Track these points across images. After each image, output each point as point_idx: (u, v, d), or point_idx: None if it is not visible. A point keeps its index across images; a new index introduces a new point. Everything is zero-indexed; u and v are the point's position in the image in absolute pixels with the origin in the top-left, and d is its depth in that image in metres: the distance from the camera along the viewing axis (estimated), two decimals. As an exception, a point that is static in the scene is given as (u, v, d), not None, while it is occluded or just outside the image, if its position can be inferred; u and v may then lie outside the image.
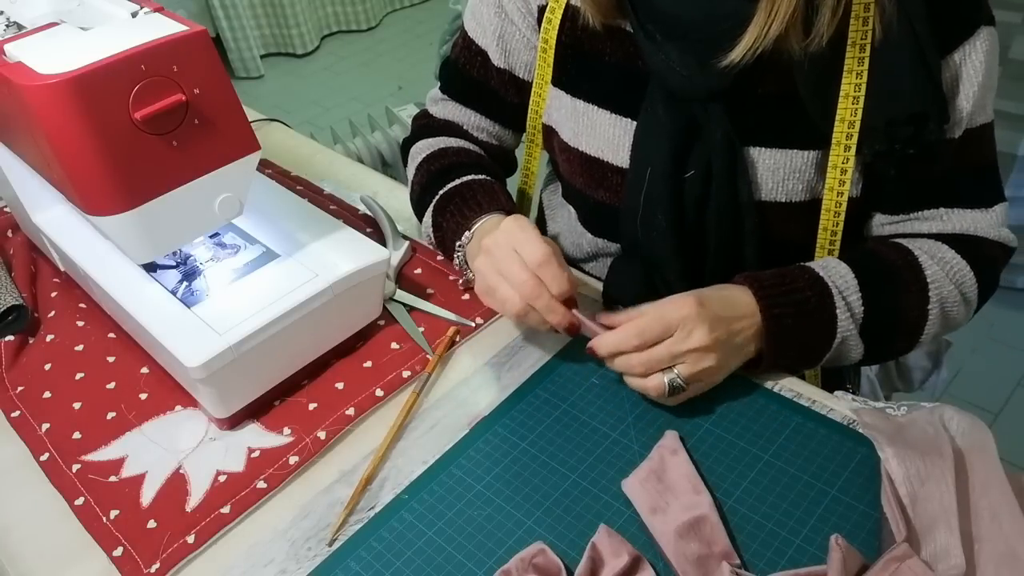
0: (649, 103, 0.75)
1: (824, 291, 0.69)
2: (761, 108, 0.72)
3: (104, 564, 0.62)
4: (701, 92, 0.71)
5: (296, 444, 0.69)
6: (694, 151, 0.74)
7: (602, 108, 0.79)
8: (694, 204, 0.76)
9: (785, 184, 0.73)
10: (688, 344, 0.64)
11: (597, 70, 0.79)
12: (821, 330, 0.69)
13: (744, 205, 0.74)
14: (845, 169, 0.71)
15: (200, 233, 0.75)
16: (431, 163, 0.88)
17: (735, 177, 0.73)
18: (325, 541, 0.62)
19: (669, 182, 0.75)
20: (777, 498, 0.61)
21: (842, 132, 0.70)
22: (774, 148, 0.72)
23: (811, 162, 0.72)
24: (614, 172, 0.80)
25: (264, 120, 1.21)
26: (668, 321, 0.64)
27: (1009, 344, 1.84)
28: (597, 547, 0.57)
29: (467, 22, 0.88)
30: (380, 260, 0.75)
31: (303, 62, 3.50)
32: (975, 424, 0.62)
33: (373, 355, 0.78)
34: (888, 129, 0.68)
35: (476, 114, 0.92)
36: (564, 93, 0.82)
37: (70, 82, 0.57)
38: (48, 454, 0.71)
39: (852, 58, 0.67)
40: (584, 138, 0.81)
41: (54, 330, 0.84)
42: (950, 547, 0.53)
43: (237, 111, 0.66)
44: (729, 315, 0.66)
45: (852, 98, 0.68)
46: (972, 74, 0.70)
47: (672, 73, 0.71)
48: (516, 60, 0.85)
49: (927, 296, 0.72)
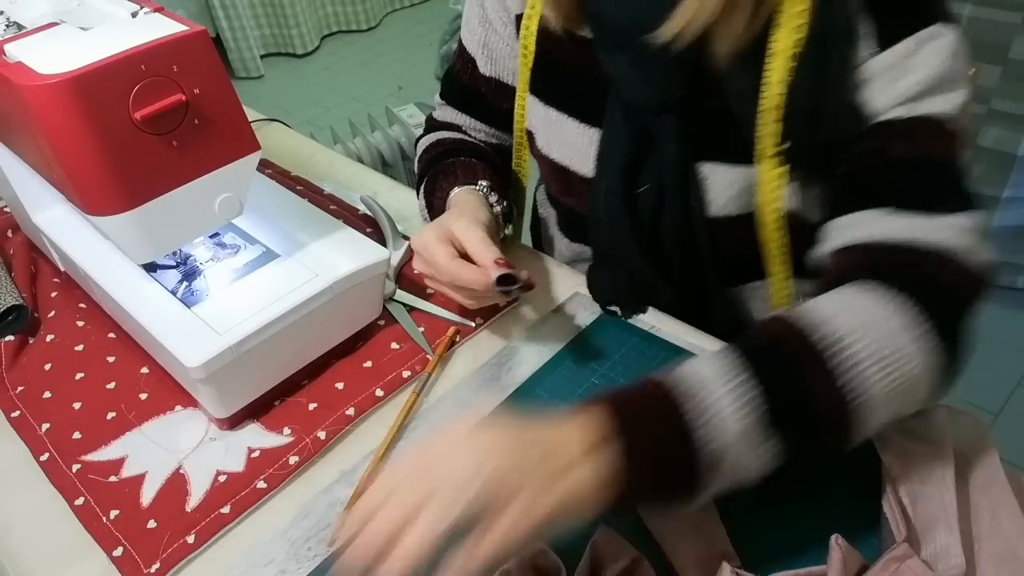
0: (609, 113, 0.74)
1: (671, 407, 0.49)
2: (711, 122, 0.70)
3: (104, 564, 0.62)
4: (652, 103, 0.70)
5: (296, 444, 0.69)
6: (647, 165, 0.73)
7: (571, 117, 0.79)
8: (648, 218, 0.75)
9: (739, 199, 0.71)
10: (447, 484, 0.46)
11: (565, 79, 0.79)
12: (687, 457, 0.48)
13: (696, 220, 0.73)
14: (778, 184, 0.68)
15: (200, 233, 0.75)
16: (428, 152, 0.91)
17: (687, 192, 0.72)
18: (325, 541, 0.62)
19: (622, 195, 0.75)
20: (777, 498, 0.61)
21: (767, 145, 0.67)
22: (726, 164, 0.71)
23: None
24: (580, 181, 0.80)
25: (264, 120, 1.21)
26: (388, 479, 0.48)
27: (1009, 344, 1.84)
28: (597, 547, 0.57)
29: (462, 30, 0.90)
30: (380, 260, 0.75)
31: (303, 62, 3.50)
32: (975, 424, 0.62)
33: (373, 355, 0.78)
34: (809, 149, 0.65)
35: (472, 118, 0.94)
36: (538, 101, 0.82)
37: (70, 82, 0.57)
38: (48, 454, 0.71)
39: (772, 69, 0.64)
40: (555, 146, 0.81)
41: (54, 330, 0.84)
42: (950, 547, 0.53)
43: (237, 111, 0.66)
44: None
45: (774, 112, 0.65)
46: (920, 63, 0.61)
47: (624, 82, 0.71)
48: (502, 67, 0.86)
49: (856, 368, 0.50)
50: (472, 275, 0.69)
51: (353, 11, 3.62)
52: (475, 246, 0.70)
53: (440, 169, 0.86)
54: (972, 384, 1.74)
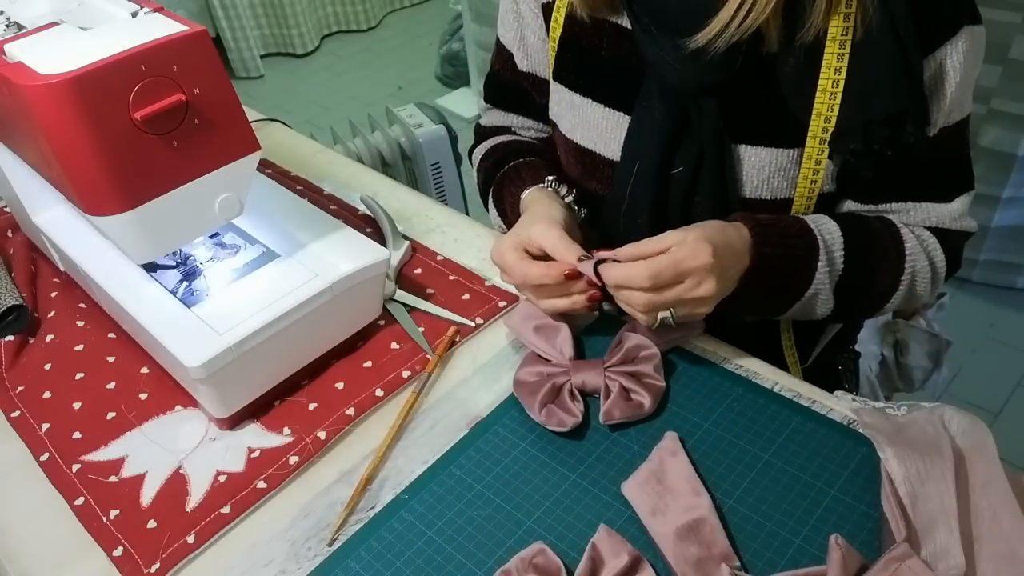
0: (645, 97, 0.75)
1: (812, 243, 0.71)
2: (751, 105, 0.72)
3: (104, 564, 0.62)
4: (693, 85, 0.71)
5: (296, 444, 0.69)
6: (683, 147, 0.75)
7: (597, 102, 0.80)
8: (680, 200, 0.76)
9: (771, 182, 0.74)
10: (696, 294, 0.65)
11: (593, 65, 0.80)
12: (799, 278, 0.71)
13: (731, 201, 0.75)
14: (820, 160, 0.72)
15: (200, 233, 0.75)
16: (486, 160, 0.92)
17: (723, 173, 0.74)
18: (325, 541, 0.62)
19: (656, 177, 0.76)
20: (777, 498, 0.61)
21: (818, 126, 0.70)
22: (761, 146, 0.73)
23: (795, 160, 0.73)
24: (605, 164, 0.81)
25: (264, 120, 1.21)
26: (682, 269, 0.64)
27: (1009, 344, 1.84)
28: (597, 547, 0.57)
29: (498, 27, 0.90)
30: (380, 260, 0.75)
31: (303, 62, 3.50)
32: (975, 424, 0.62)
33: (373, 355, 0.78)
34: (866, 129, 0.68)
35: (517, 116, 0.95)
36: (563, 87, 0.83)
37: (70, 82, 0.57)
38: (48, 454, 0.71)
39: (831, 54, 0.68)
40: (579, 130, 0.82)
41: (54, 330, 0.84)
42: (950, 547, 0.53)
43: (237, 111, 0.66)
44: (731, 260, 0.67)
45: (829, 93, 0.69)
46: (952, 73, 0.69)
47: (665, 66, 0.71)
48: (537, 62, 0.87)
49: (902, 267, 0.74)
50: (540, 269, 0.70)
51: (353, 11, 3.62)
52: (554, 246, 0.70)
53: (505, 175, 0.87)
54: (972, 384, 1.75)
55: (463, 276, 0.87)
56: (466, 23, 2.66)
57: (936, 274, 0.77)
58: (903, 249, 0.74)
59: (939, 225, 0.77)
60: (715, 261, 0.64)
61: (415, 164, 1.79)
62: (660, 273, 0.64)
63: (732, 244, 0.68)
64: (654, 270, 0.64)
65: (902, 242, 0.74)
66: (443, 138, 1.76)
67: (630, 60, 0.76)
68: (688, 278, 0.64)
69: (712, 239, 0.65)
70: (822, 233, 0.72)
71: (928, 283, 0.77)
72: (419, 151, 1.76)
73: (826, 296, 0.73)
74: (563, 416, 0.67)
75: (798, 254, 0.70)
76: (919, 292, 0.77)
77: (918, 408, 0.65)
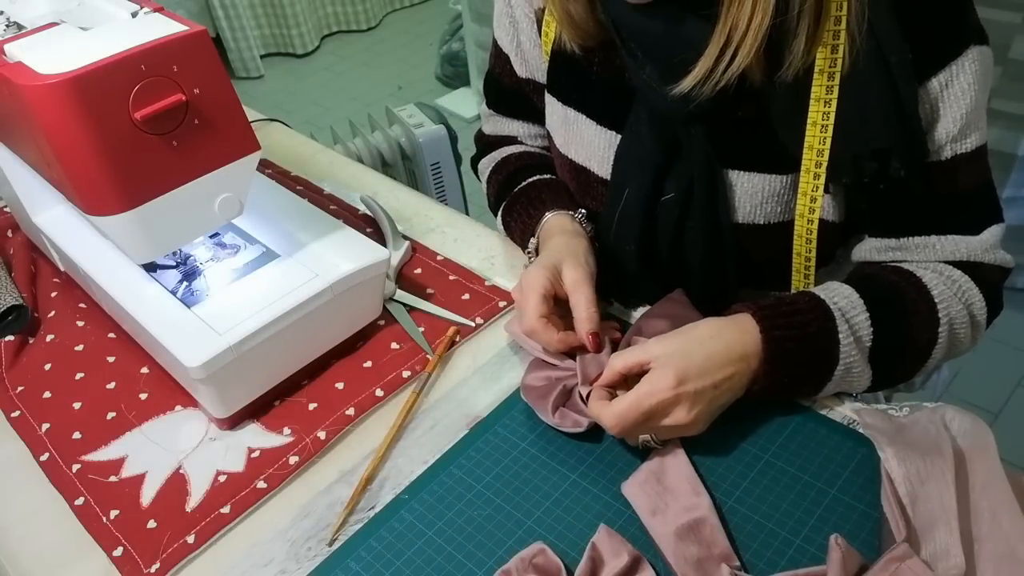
0: (634, 122, 0.74)
1: (826, 314, 0.65)
2: (740, 132, 0.70)
3: (104, 564, 0.62)
4: (682, 114, 0.69)
5: (296, 444, 0.69)
6: (673, 173, 0.73)
7: (589, 118, 0.78)
8: (672, 226, 0.75)
9: (764, 207, 0.72)
10: (669, 423, 0.62)
11: (585, 80, 0.78)
12: (823, 355, 0.64)
13: (723, 227, 0.73)
14: (815, 197, 0.69)
15: (200, 233, 0.75)
16: (497, 174, 0.91)
17: (715, 200, 0.72)
18: (325, 541, 0.62)
19: (646, 203, 0.75)
20: (777, 498, 0.61)
21: (811, 160, 0.68)
22: (753, 172, 0.71)
23: (789, 186, 0.71)
24: (599, 183, 0.80)
25: (264, 120, 1.21)
26: (645, 409, 0.61)
27: (1009, 344, 1.84)
28: (597, 547, 0.57)
29: (494, 28, 0.88)
30: (380, 260, 0.75)
31: (303, 62, 3.50)
32: (976, 424, 0.62)
33: (373, 355, 0.78)
34: (855, 162, 0.66)
35: (523, 123, 0.93)
36: (556, 100, 0.82)
37: (70, 82, 0.57)
38: (48, 454, 0.71)
39: (820, 86, 0.65)
40: (573, 146, 0.81)
41: (54, 330, 0.84)
42: (950, 547, 0.53)
43: (237, 111, 0.66)
44: (716, 376, 0.62)
45: (820, 126, 0.66)
46: (958, 95, 0.65)
47: (652, 92, 0.70)
48: (535, 68, 0.85)
49: (936, 317, 0.67)
50: (547, 338, 0.70)
51: (353, 11, 3.62)
52: (579, 310, 0.70)
53: (522, 192, 0.85)
54: (972, 384, 1.75)
55: (463, 276, 0.87)
56: (466, 23, 2.66)
57: (975, 318, 0.70)
58: (931, 298, 0.67)
59: (969, 258, 0.70)
60: (680, 391, 0.61)
61: (415, 164, 1.79)
62: (624, 417, 0.61)
63: (717, 353, 0.63)
64: (619, 414, 0.62)
65: (928, 291, 0.67)
66: (443, 138, 1.76)
67: (622, 77, 0.74)
68: (655, 415, 0.62)
69: (681, 365, 0.61)
70: (835, 301, 0.66)
71: (967, 328, 0.70)
72: (419, 151, 1.76)
73: (860, 367, 0.65)
74: (577, 417, 0.67)
75: (812, 330, 0.64)
76: (961, 339, 0.70)
77: (919, 408, 0.65)
